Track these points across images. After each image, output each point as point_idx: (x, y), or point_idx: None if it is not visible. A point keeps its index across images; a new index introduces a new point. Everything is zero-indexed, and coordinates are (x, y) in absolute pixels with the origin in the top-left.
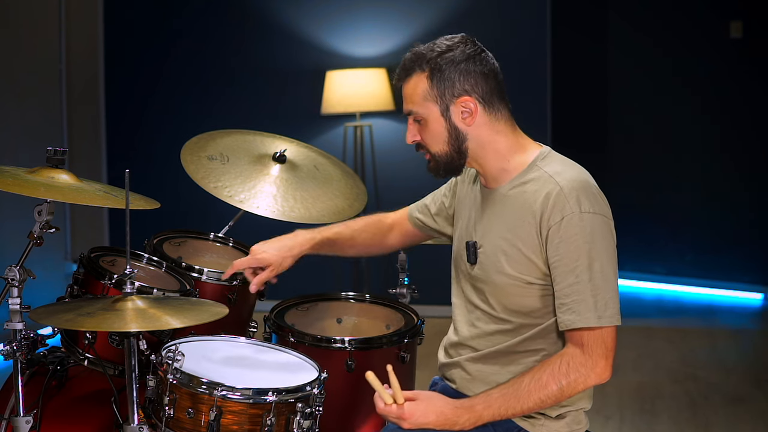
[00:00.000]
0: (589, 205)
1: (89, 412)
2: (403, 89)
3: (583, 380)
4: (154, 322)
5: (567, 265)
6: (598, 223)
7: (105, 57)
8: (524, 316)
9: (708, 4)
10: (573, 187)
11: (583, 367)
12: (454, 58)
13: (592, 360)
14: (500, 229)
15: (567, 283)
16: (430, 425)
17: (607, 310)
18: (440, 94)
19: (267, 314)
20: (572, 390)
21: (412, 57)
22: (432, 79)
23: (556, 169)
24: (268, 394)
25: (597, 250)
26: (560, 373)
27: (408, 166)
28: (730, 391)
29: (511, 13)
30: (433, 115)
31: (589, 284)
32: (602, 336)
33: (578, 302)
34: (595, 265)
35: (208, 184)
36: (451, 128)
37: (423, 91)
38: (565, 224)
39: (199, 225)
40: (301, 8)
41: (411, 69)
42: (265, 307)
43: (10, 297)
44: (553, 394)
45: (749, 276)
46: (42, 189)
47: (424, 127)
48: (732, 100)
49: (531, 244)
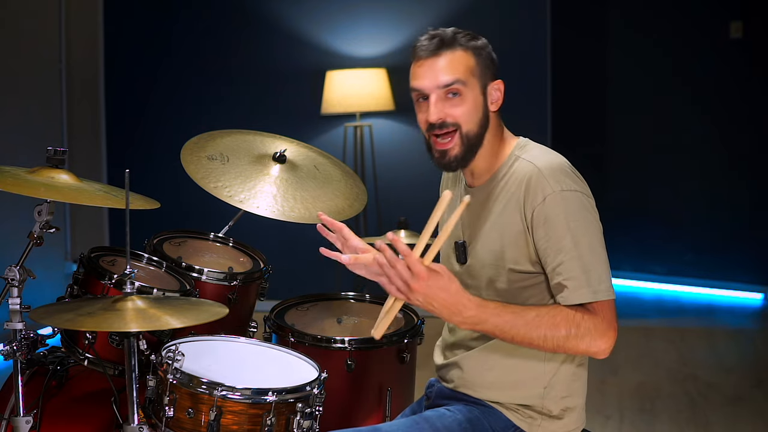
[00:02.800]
0: (570, 182)
1: (89, 412)
2: (439, 60)
3: (590, 340)
4: (154, 322)
5: (555, 244)
6: (580, 199)
7: (105, 57)
8: None
9: (708, 4)
10: (552, 167)
11: (595, 329)
12: (485, 45)
13: (604, 326)
14: (487, 225)
15: (557, 262)
16: (437, 301)
17: (601, 284)
18: (482, 72)
19: (267, 314)
20: (576, 344)
21: (452, 34)
22: (477, 57)
23: (533, 154)
24: (268, 394)
25: (582, 226)
26: (574, 321)
27: (408, 166)
28: (729, 391)
29: (511, 13)
30: (474, 91)
31: (578, 261)
32: (602, 309)
33: (571, 279)
34: (583, 240)
35: (208, 184)
36: (485, 108)
37: (469, 65)
38: (547, 204)
39: (199, 225)
40: (301, 8)
41: (452, 43)
42: (265, 307)
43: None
44: (558, 339)
45: (749, 276)
46: (42, 189)
47: (461, 103)
48: (732, 100)
49: (518, 233)
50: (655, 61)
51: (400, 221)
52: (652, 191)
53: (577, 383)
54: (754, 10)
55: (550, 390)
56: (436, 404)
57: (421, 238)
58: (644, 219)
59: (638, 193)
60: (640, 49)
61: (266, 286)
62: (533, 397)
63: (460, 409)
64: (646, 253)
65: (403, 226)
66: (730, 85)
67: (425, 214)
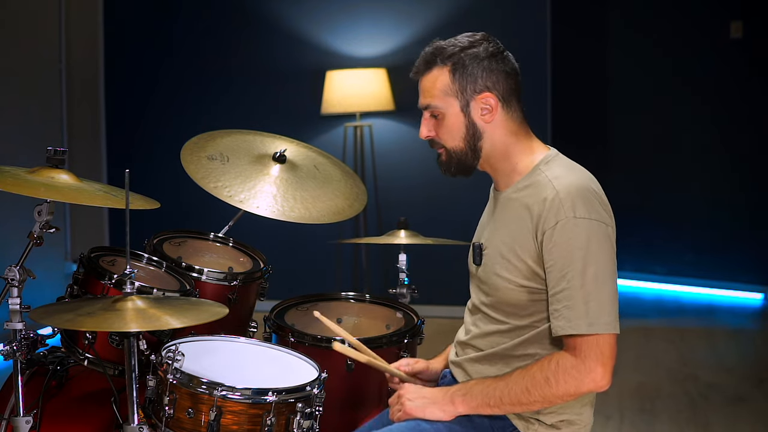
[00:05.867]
0: (585, 210)
1: (89, 412)
2: (421, 82)
3: (575, 384)
4: (154, 322)
5: (559, 270)
6: (594, 228)
7: (105, 57)
8: (519, 318)
9: (708, 4)
10: (569, 192)
11: (574, 370)
12: (477, 54)
13: (586, 365)
14: (502, 233)
15: (559, 288)
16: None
17: (601, 317)
18: (462, 89)
19: (267, 314)
20: (563, 389)
21: (434, 51)
22: (454, 74)
23: (556, 174)
24: (268, 394)
25: (591, 255)
26: (549, 368)
27: (408, 166)
28: (730, 391)
29: (511, 13)
30: (452, 110)
31: (580, 290)
32: (597, 343)
33: (569, 308)
34: (589, 270)
35: (208, 184)
36: (469, 124)
37: (444, 85)
38: (558, 229)
39: (199, 225)
40: (301, 8)
41: (432, 62)
42: (265, 307)
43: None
44: (540, 386)
45: (749, 276)
46: (42, 189)
47: (441, 122)
48: (732, 100)
49: (528, 249)
50: (655, 61)
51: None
52: (652, 191)
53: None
54: (754, 10)
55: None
56: None
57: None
58: (644, 219)
59: (638, 193)
60: (640, 49)
61: (266, 286)
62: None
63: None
64: (646, 253)
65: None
66: (730, 85)
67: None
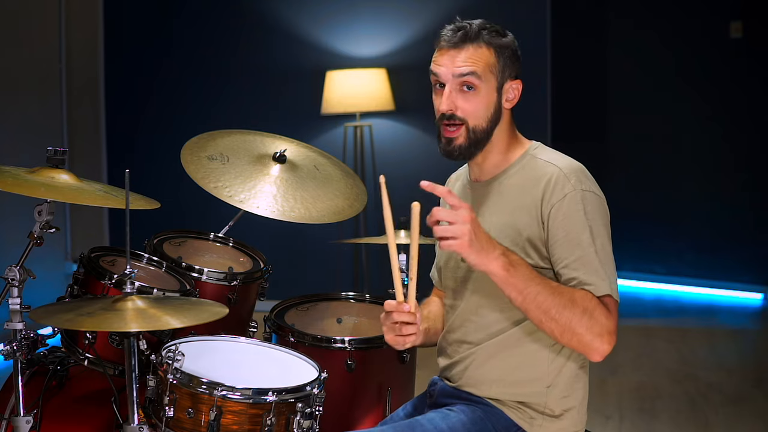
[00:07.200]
0: (590, 184)
1: (89, 412)
2: (461, 52)
3: (598, 331)
4: (154, 322)
5: (573, 239)
6: (598, 202)
7: (105, 57)
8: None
9: (708, 4)
10: (572, 168)
11: (605, 319)
12: (510, 43)
13: (610, 323)
14: (497, 219)
15: (575, 256)
16: (481, 231)
17: (612, 283)
18: (501, 70)
19: (267, 314)
20: (586, 328)
21: (477, 29)
22: (498, 56)
23: (550, 157)
24: (268, 394)
25: (597, 227)
26: (591, 303)
27: (408, 166)
28: (730, 391)
29: (511, 13)
30: (488, 86)
31: (596, 256)
32: (616, 308)
33: (590, 272)
34: (597, 241)
35: (208, 184)
36: (497, 105)
37: (488, 62)
38: (567, 201)
39: (199, 225)
40: (301, 8)
41: (476, 38)
42: (265, 307)
43: (10, 297)
44: (573, 316)
45: (749, 276)
46: (42, 189)
47: (473, 97)
48: (732, 100)
49: (530, 228)
50: (655, 61)
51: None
52: (652, 191)
53: (579, 384)
54: (754, 10)
55: (553, 388)
56: (438, 402)
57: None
58: (644, 219)
59: (638, 193)
60: (640, 49)
61: (266, 286)
62: (536, 394)
63: (463, 409)
64: (646, 253)
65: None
66: (730, 85)
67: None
